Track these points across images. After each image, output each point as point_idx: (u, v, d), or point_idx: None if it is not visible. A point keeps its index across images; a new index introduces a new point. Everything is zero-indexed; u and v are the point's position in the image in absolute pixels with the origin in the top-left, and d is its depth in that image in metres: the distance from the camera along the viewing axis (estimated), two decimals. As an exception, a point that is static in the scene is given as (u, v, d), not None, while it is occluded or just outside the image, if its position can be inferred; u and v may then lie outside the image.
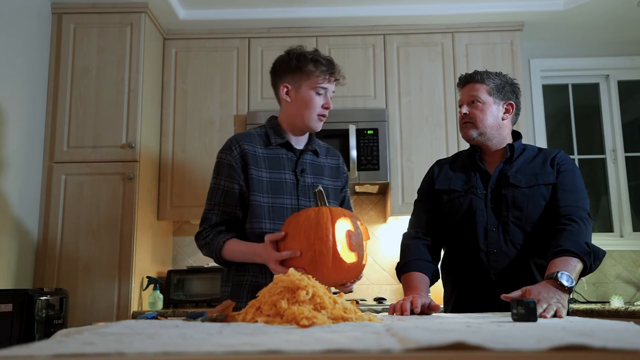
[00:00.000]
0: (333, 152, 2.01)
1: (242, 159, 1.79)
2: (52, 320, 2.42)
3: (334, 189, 1.92)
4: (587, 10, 3.35)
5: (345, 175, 2.01)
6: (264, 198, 1.78)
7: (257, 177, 1.78)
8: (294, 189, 1.82)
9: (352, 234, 1.54)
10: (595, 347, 0.58)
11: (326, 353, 0.59)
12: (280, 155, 1.85)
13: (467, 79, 1.90)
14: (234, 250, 1.74)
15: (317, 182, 1.86)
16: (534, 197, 1.77)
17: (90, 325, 1.19)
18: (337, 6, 3.38)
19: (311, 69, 1.81)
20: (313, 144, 1.92)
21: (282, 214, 1.78)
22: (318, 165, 1.91)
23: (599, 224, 3.77)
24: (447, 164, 1.97)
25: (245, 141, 1.82)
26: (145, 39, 3.20)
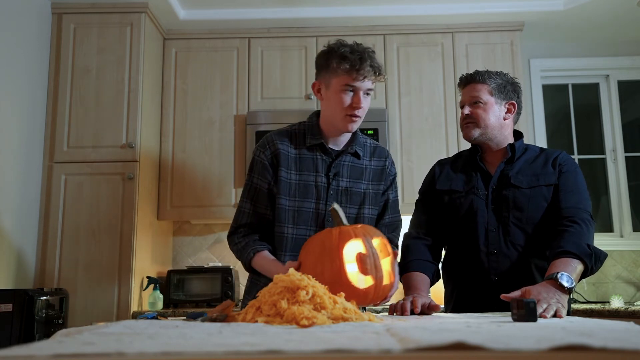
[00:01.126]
0: (380, 152, 1.89)
1: (274, 159, 1.75)
2: (52, 320, 2.42)
3: (375, 193, 1.83)
4: (587, 10, 3.35)
5: (391, 176, 1.91)
6: (289, 201, 1.74)
7: (285, 180, 1.74)
8: (323, 193, 1.75)
9: (364, 257, 1.39)
10: (595, 347, 0.58)
11: (326, 353, 0.59)
12: (315, 157, 1.78)
13: (468, 79, 1.89)
14: (259, 265, 1.72)
15: (353, 187, 1.78)
16: (535, 198, 1.77)
17: (90, 325, 1.19)
18: (337, 6, 3.38)
19: (336, 66, 1.70)
20: (354, 146, 1.81)
21: (307, 219, 1.74)
22: (358, 167, 1.81)
23: (599, 224, 3.77)
24: (448, 164, 1.96)
25: (279, 140, 1.77)
26: (145, 39, 3.20)
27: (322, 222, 1.75)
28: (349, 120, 1.72)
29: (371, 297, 1.38)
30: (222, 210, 3.28)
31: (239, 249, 1.76)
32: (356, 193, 1.79)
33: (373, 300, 1.39)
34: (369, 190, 1.81)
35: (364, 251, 1.39)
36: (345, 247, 1.38)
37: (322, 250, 1.40)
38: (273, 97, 3.42)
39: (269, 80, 3.44)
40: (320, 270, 1.36)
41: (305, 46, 3.47)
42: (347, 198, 1.78)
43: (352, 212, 1.77)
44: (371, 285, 1.38)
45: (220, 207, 3.28)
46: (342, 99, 1.70)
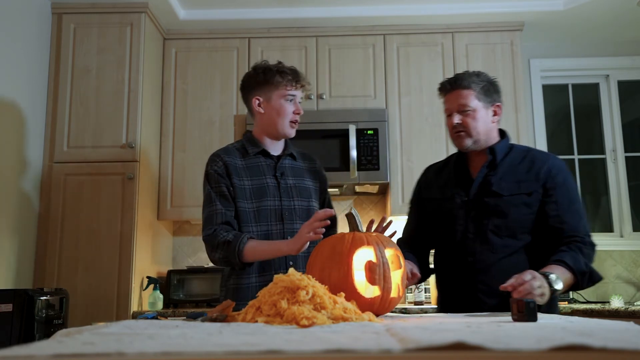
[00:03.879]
0: (309, 157, 2.12)
1: (225, 169, 1.93)
2: (52, 320, 2.41)
3: (315, 189, 2.04)
4: (587, 10, 3.35)
5: (325, 179, 2.11)
6: (247, 204, 1.91)
7: (240, 186, 1.92)
8: (276, 191, 1.94)
9: (374, 266, 1.35)
10: (595, 347, 0.58)
11: (326, 353, 0.59)
12: (260, 163, 1.98)
13: (452, 85, 1.83)
14: (255, 249, 1.82)
15: (299, 184, 1.99)
16: (516, 206, 1.75)
17: (90, 325, 1.19)
18: (337, 6, 3.38)
19: (278, 80, 1.93)
20: (290, 149, 2.04)
21: (267, 216, 1.91)
22: (297, 168, 2.04)
23: (599, 224, 3.77)
24: (435, 170, 1.99)
25: (225, 155, 1.97)
26: (145, 39, 3.20)
27: (281, 216, 1.92)
28: (292, 126, 1.97)
29: (376, 307, 1.35)
30: (222, 210, 3.28)
31: (227, 241, 1.82)
32: (304, 188, 2.00)
33: (378, 311, 1.35)
34: (311, 186, 2.03)
35: (375, 260, 1.36)
36: (356, 253, 1.36)
37: (331, 254, 1.38)
38: (273, 97, 3.41)
39: (269, 80, 3.43)
40: (328, 273, 1.34)
41: (305, 46, 3.47)
42: (297, 193, 1.97)
43: (303, 204, 1.96)
44: (377, 296, 1.34)
45: (220, 207, 3.28)
46: (285, 108, 1.94)
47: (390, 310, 1.44)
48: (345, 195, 3.62)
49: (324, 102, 3.40)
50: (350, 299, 1.21)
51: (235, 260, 1.82)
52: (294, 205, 1.95)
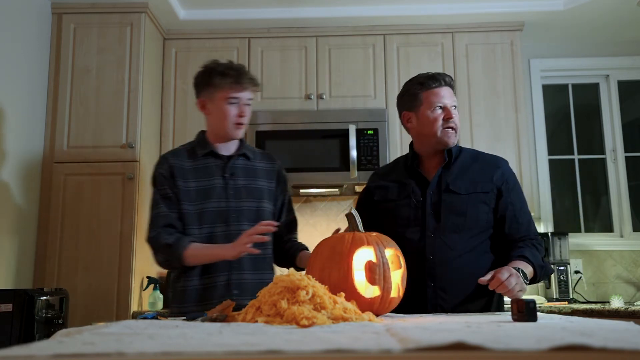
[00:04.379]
0: (269, 157, 2.11)
1: (170, 172, 1.94)
2: (52, 320, 2.41)
3: (269, 190, 2.02)
4: (587, 10, 3.35)
5: (284, 178, 2.09)
6: (190, 206, 1.91)
7: (184, 188, 1.92)
8: (223, 192, 1.93)
9: (374, 266, 1.35)
10: (595, 347, 0.58)
11: (326, 353, 0.59)
12: (209, 164, 1.97)
13: (446, 81, 1.84)
14: (197, 252, 1.84)
15: (251, 184, 1.97)
16: (474, 204, 1.78)
17: (90, 325, 1.19)
18: (337, 6, 3.38)
19: (219, 82, 1.92)
20: (243, 149, 2.02)
21: (211, 218, 1.91)
22: (251, 168, 2.01)
23: (599, 224, 3.77)
24: (383, 174, 1.99)
25: (172, 157, 1.98)
26: (145, 39, 3.20)
27: (226, 218, 1.91)
28: (237, 128, 1.94)
29: (376, 307, 1.35)
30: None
31: (168, 244, 1.83)
32: (255, 189, 1.98)
33: (378, 311, 1.35)
34: (264, 187, 2.01)
35: (375, 260, 1.36)
36: (356, 253, 1.36)
37: (331, 254, 1.38)
38: (273, 97, 3.42)
39: (269, 80, 3.44)
40: (328, 273, 1.34)
41: (305, 46, 3.47)
42: (247, 194, 1.96)
43: (252, 206, 1.94)
44: (377, 296, 1.35)
45: (220, 207, 3.28)
46: (228, 111, 1.92)
47: (390, 311, 1.44)
48: (345, 195, 3.62)
49: (324, 102, 3.40)
50: (350, 299, 1.21)
51: (177, 263, 1.84)
52: (241, 207, 1.93)
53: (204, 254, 1.84)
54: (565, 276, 3.31)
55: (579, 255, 3.57)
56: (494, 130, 3.37)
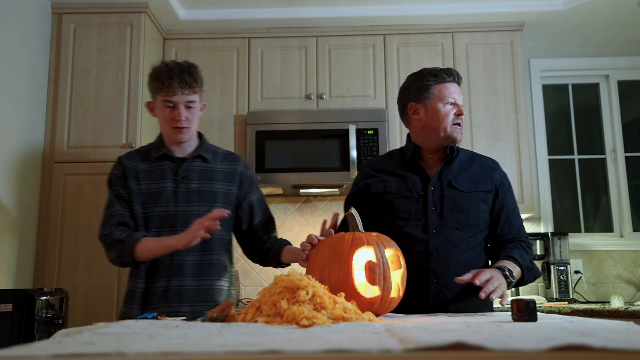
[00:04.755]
0: (232, 158, 2.06)
1: (123, 173, 1.93)
2: (52, 320, 2.41)
3: (226, 192, 1.97)
4: (587, 10, 3.35)
5: (248, 178, 2.04)
6: (140, 208, 1.90)
7: (136, 190, 1.91)
8: (172, 196, 1.90)
9: (374, 266, 1.35)
10: (595, 347, 0.58)
11: (326, 353, 0.59)
12: (163, 167, 1.94)
13: (456, 77, 1.84)
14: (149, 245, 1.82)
15: (204, 187, 1.93)
16: (475, 202, 1.79)
17: (90, 325, 1.19)
18: (337, 6, 3.38)
19: (154, 85, 1.90)
20: (201, 151, 1.98)
21: (157, 222, 1.89)
22: (208, 170, 1.97)
23: (599, 224, 3.78)
24: (378, 166, 1.91)
25: (126, 159, 1.97)
26: (145, 39, 3.20)
27: (173, 223, 1.88)
28: (177, 132, 1.91)
29: (376, 307, 1.35)
30: (222, 210, 3.28)
31: (120, 240, 1.82)
32: (208, 193, 1.93)
33: (378, 311, 1.35)
34: (220, 190, 1.96)
35: (375, 260, 1.36)
36: (356, 253, 1.35)
37: (331, 254, 1.37)
38: (273, 97, 3.42)
39: (269, 80, 3.44)
40: (328, 273, 1.34)
41: (305, 46, 3.48)
42: (198, 198, 1.91)
43: (203, 210, 1.87)
44: (377, 296, 1.34)
45: (220, 207, 3.28)
46: (165, 114, 1.90)
47: (390, 311, 1.44)
48: (345, 195, 3.62)
49: (324, 102, 3.40)
50: (350, 299, 1.21)
51: (129, 259, 1.83)
52: (191, 211, 1.89)
53: (155, 246, 1.82)
54: (565, 276, 3.31)
55: (579, 255, 3.57)
56: (494, 130, 3.37)
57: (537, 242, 3.42)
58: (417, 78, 1.85)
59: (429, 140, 1.83)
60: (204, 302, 1.86)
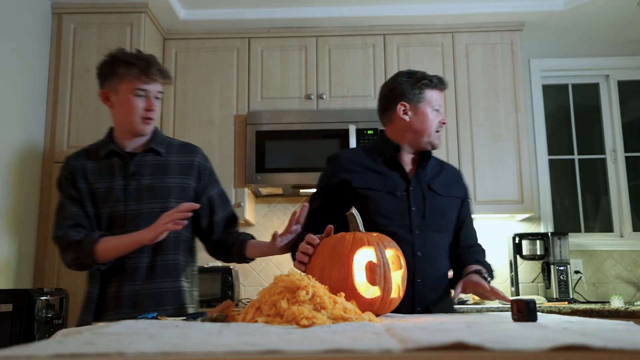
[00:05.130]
0: (189, 149, 1.92)
1: (71, 174, 1.80)
2: (52, 320, 2.41)
3: (182, 186, 1.83)
4: (587, 10, 3.35)
5: (207, 171, 1.91)
6: (90, 209, 1.77)
7: (85, 190, 1.78)
8: (121, 194, 1.77)
9: (375, 266, 1.34)
10: (596, 347, 0.58)
11: (326, 353, 0.59)
12: (111, 164, 1.81)
13: (446, 87, 1.87)
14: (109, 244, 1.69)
15: (156, 183, 1.79)
16: (450, 206, 1.84)
17: (90, 325, 1.19)
18: (337, 6, 3.38)
19: (124, 72, 1.74)
20: (153, 144, 1.84)
21: (106, 223, 1.76)
22: (161, 164, 1.83)
23: (599, 224, 3.78)
24: (357, 159, 1.83)
25: (73, 159, 1.84)
26: (145, 39, 3.20)
27: (123, 223, 1.75)
28: (144, 123, 1.78)
29: (377, 307, 1.35)
30: (222, 210, 3.28)
31: (78, 241, 1.69)
32: (161, 188, 1.80)
33: (378, 311, 1.35)
34: (175, 184, 1.82)
35: (375, 260, 1.35)
36: (357, 253, 1.35)
37: (332, 254, 1.37)
38: (273, 97, 3.42)
39: (269, 80, 3.44)
40: (328, 274, 1.34)
41: (305, 46, 3.48)
42: (150, 194, 1.78)
43: (156, 207, 1.76)
44: (378, 297, 1.34)
45: (220, 207, 3.28)
46: (134, 103, 1.76)
47: (390, 311, 1.44)
48: (345, 195, 3.62)
49: (324, 102, 3.40)
50: (350, 299, 1.21)
51: (88, 260, 1.69)
52: (142, 209, 1.76)
53: (118, 244, 1.69)
54: (565, 276, 3.31)
55: (579, 255, 3.57)
56: (494, 130, 3.37)
57: (537, 242, 3.42)
58: (409, 79, 1.84)
59: (410, 142, 1.83)
60: (162, 307, 1.74)
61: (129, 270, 1.75)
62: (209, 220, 1.90)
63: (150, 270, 1.77)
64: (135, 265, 1.75)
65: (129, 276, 1.75)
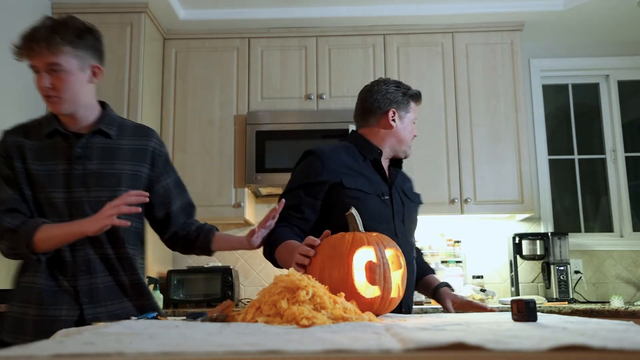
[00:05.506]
0: (143, 132, 1.76)
1: (6, 151, 1.62)
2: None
3: (133, 174, 1.67)
4: (587, 10, 3.35)
5: (162, 157, 1.77)
6: (27, 192, 1.59)
7: (21, 171, 1.60)
8: (64, 180, 1.59)
9: (374, 266, 1.34)
10: (595, 347, 0.58)
11: (326, 353, 0.59)
12: (54, 145, 1.63)
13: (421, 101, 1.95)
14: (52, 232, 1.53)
15: (105, 169, 1.62)
16: (416, 212, 1.93)
17: (90, 325, 1.19)
18: (337, 6, 3.39)
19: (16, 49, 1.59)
20: (102, 125, 1.66)
21: (51, 210, 1.58)
22: (110, 147, 1.66)
23: (599, 224, 3.78)
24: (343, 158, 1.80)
25: (12, 134, 1.65)
26: (145, 39, 3.20)
27: (67, 212, 1.58)
28: (48, 102, 1.63)
29: (376, 307, 1.35)
30: (222, 210, 3.28)
31: (12, 229, 1.53)
32: (109, 175, 1.63)
33: (378, 311, 1.35)
34: (126, 171, 1.66)
35: (375, 260, 1.35)
36: (356, 253, 1.35)
37: (331, 254, 1.37)
38: (273, 97, 3.42)
39: (269, 80, 3.44)
40: (328, 273, 1.34)
41: (305, 46, 3.48)
42: (97, 181, 1.61)
43: (103, 196, 1.59)
44: (377, 296, 1.34)
45: (220, 207, 3.29)
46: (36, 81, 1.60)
47: (391, 310, 1.44)
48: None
49: (324, 102, 3.40)
50: (350, 299, 1.21)
51: (24, 250, 1.52)
52: (89, 197, 1.59)
53: (59, 234, 1.52)
54: (565, 276, 3.31)
55: (579, 255, 3.57)
56: (494, 130, 3.37)
57: (537, 242, 3.42)
58: (398, 88, 1.88)
59: (390, 148, 1.86)
60: (120, 300, 1.63)
61: (85, 262, 1.59)
62: (165, 210, 1.77)
63: (105, 262, 1.62)
64: (92, 257, 1.60)
65: (87, 269, 1.59)
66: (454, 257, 3.49)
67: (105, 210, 1.49)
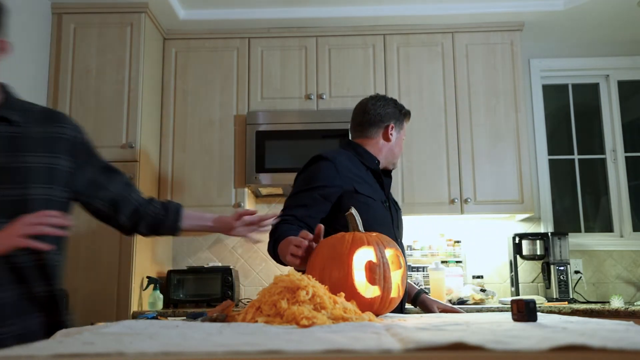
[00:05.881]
0: (54, 118, 1.48)
1: None
2: (52, 320, 2.41)
3: (49, 167, 1.42)
4: (587, 10, 3.35)
5: (84, 145, 1.51)
6: None
7: None
8: None
9: (374, 266, 1.34)
10: (595, 347, 0.58)
11: (326, 353, 0.59)
12: None
13: None
14: None
15: (11, 162, 1.36)
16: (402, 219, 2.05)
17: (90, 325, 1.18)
18: (337, 6, 3.38)
19: None
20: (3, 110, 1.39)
21: None
22: (15, 137, 1.39)
23: (599, 224, 3.78)
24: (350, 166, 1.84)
25: None
26: (145, 39, 3.20)
27: None
28: None
29: (376, 307, 1.34)
30: (222, 210, 3.28)
31: None
32: (17, 169, 1.37)
33: (378, 311, 1.35)
34: (38, 164, 1.40)
35: (375, 260, 1.35)
36: (356, 253, 1.35)
37: (331, 254, 1.37)
38: (273, 97, 3.42)
39: (269, 80, 3.44)
40: (328, 274, 1.34)
41: (305, 46, 3.48)
42: (4, 177, 1.36)
43: (15, 193, 1.35)
44: (377, 296, 1.34)
45: (220, 207, 3.28)
46: None
47: (390, 311, 1.44)
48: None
49: (324, 102, 3.40)
50: (350, 299, 1.21)
51: None
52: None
53: None
54: (565, 276, 3.31)
55: (579, 255, 3.57)
56: (494, 130, 3.37)
57: (537, 242, 3.42)
58: (395, 105, 2.01)
59: (383, 159, 1.98)
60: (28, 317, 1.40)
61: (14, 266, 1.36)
62: (104, 199, 1.57)
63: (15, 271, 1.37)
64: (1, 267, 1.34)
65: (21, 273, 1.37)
66: (454, 257, 3.49)
67: (17, 227, 1.25)
